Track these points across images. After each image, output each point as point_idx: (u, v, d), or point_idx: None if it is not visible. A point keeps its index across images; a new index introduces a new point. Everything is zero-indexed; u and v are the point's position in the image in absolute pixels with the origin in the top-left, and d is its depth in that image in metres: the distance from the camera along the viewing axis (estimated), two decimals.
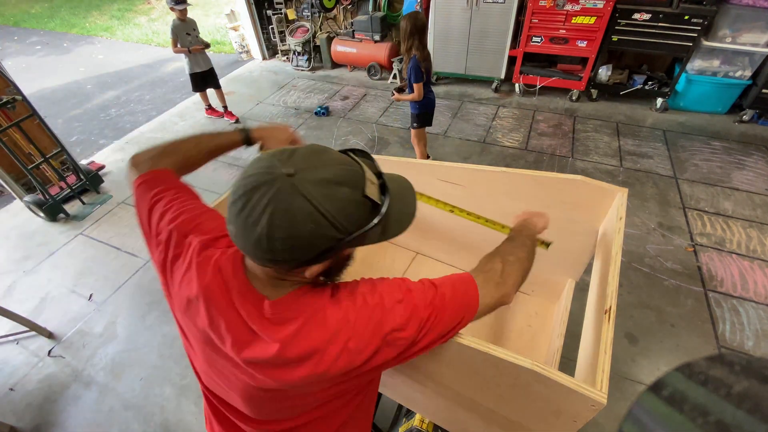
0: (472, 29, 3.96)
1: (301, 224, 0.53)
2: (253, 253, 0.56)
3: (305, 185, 0.53)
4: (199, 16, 8.68)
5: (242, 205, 0.54)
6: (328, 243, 0.56)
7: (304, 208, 0.53)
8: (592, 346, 0.90)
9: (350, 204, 0.57)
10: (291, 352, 0.60)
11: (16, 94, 2.85)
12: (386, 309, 0.64)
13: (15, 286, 2.61)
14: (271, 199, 0.52)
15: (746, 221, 2.58)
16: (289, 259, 0.56)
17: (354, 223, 0.58)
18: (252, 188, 0.53)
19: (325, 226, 0.55)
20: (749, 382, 0.31)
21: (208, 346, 0.67)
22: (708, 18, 3.18)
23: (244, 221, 0.54)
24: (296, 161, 0.55)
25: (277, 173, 0.54)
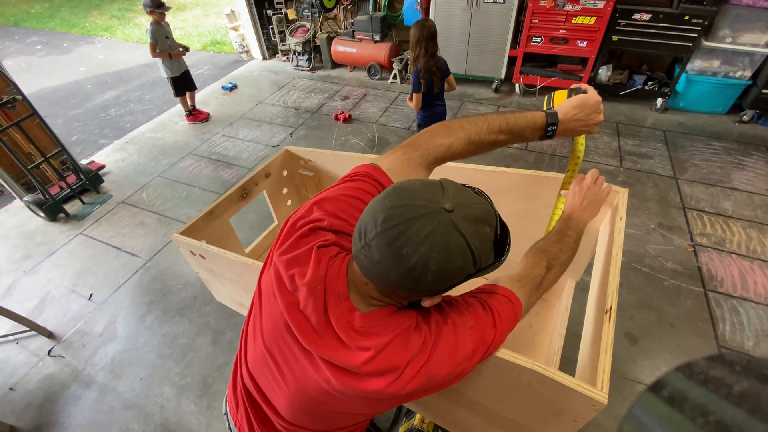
0: (472, 29, 3.96)
1: (454, 259, 0.55)
2: (396, 281, 0.58)
3: (461, 222, 0.55)
4: (198, 16, 8.69)
5: (397, 234, 0.55)
6: (464, 277, 0.59)
7: (460, 244, 0.55)
8: (592, 346, 0.90)
9: (489, 242, 0.59)
10: (374, 365, 0.62)
11: (16, 93, 2.85)
12: (459, 338, 0.66)
13: (15, 286, 2.61)
14: (431, 232, 0.54)
15: (746, 221, 2.58)
16: (428, 290, 0.59)
17: (487, 260, 0.60)
18: (410, 219, 0.55)
19: (470, 263, 0.57)
20: (749, 382, 0.31)
21: (286, 331, 0.70)
22: (708, 18, 3.18)
23: (397, 251, 0.55)
24: (451, 197, 0.57)
25: (438, 207, 0.55)
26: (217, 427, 1.82)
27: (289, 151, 1.90)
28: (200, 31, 7.66)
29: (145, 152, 3.92)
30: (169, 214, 3.10)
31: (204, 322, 2.26)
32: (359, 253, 0.60)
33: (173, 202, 3.22)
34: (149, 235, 2.91)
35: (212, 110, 4.59)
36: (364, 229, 0.58)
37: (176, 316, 2.32)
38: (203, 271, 1.64)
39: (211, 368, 2.05)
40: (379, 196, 0.61)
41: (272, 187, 1.92)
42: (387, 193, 0.60)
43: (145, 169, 3.65)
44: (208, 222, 1.59)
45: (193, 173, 3.54)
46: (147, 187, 3.42)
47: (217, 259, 1.35)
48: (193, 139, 4.06)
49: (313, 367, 0.67)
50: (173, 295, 2.45)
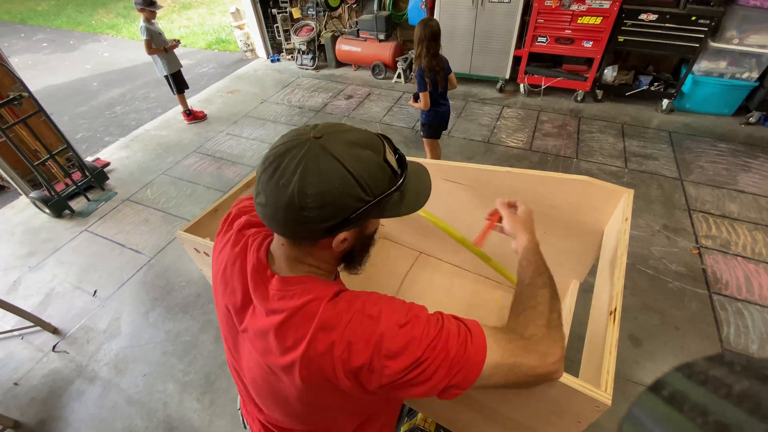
0: (477, 29, 3.95)
1: (331, 180, 0.55)
2: (284, 216, 0.57)
3: (333, 145, 0.56)
4: (204, 15, 8.72)
5: (273, 170, 0.57)
6: (356, 204, 0.57)
7: (333, 165, 0.55)
8: (596, 348, 0.90)
9: (373, 165, 0.58)
10: (284, 331, 0.62)
11: (22, 90, 2.87)
12: (382, 327, 0.59)
13: (20, 282, 2.63)
14: (301, 159, 0.55)
15: (752, 224, 2.57)
16: (318, 219, 0.57)
17: (377, 186, 0.59)
18: (283, 153, 0.57)
19: (353, 184, 0.56)
20: (749, 382, 0.31)
21: (227, 319, 0.73)
22: (715, 19, 3.16)
23: (275, 185, 0.56)
24: (321, 128, 0.59)
25: (306, 137, 0.57)
26: (219, 424, 1.82)
27: None
28: (205, 30, 7.68)
29: (150, 150, 3.94)
30: (173, 211, 3.11)
31: (207, 320, 2.27)
32: (257, 208, 0.60)
33: (177, 199, 3.23)
34: (153, 233, 2.92)
35: (216, 108, 4.60)
36: (256, 179, 0.60)
37: (180, 313, 2.33)
38: (207, 269, 1.64)
39: (213, 365, 2.06)
40: None
41: None
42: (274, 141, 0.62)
43: (150, 167, 3.67)
44: (212, 220, 1.59)
45: (198, 171, 3.55)
46: (151, 184, 3.44)
47: None
48: (197, 137, 4.07)
49: (248, 350, 0.69)
50: (177, 292, 2.46)
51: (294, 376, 0.61)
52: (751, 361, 0.40)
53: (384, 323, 0.60)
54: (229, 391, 1.94)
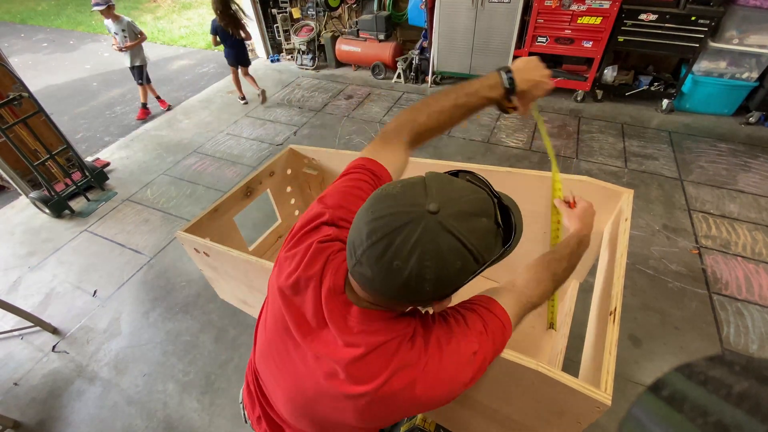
0: (477, 29, 3.95)
1: (450, 263, 0.51)
2: (396, 295, 0.55)
3: (451, 222, 0.51)
4: (204, 15, 8.71)
5: (384, 248, 0.51)
6: (469, 276, 0.55)
7: (453, 246, 0.51)
8: (596, 348, 0.90)
9: (489, 234, 0.55)
10: (361, 366, 0.61)
11: (22, 90, 2.87)
12: (460, 362, 0.63)
13: (20, 282, 2.63)
14: (418, 240, 0.50)
15: (752, 224, 2.57)
16: (432, 297, 0.56)
17: (491, 253, 0.56)
18: (394, 229, 0.51)
19: (471, 262, 0.53)
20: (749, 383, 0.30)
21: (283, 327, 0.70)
22: (715, 19, 3.16)
23: (387, 266, 0.51)
24: (435, 196, 0.52)
25: (421, 211, 0.51)
26: (219, 424, 1.82)
27: (294, 150, 1.90)
28: (205, 30, 7.67)
29: (150, 150, 3.94)
30: (173, 211, 3.11)
31: (207, 320, 2.27)
32: (353, 270, 0.57)
33: (177, 199, 3.23)
34: (153, 233, 2.92)
35: (216, 108, 4.60)
36: (353, 245, 0.55)
37: (180, 313, 2.33)
38: (207, 269, 1.64)
39: (214, 365, 2.06)
40: (364, 207, 0.57)
41: (276, 185, 1.92)
42: (370, 203, 0.56)
43: (150, 167, 3.67)
44: (212, 220, 1.59)
45: (198, 171, 3.55)
46: (151, 184, 3.44)
47: (221, 256, 1.35)
48: (197, 137, 4.07)
49: (304, 365, 0.66)
50: (177, 292, 2.46)
51: (359, 405, 0.62)
52: (751, 361, 0.40)
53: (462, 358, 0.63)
54: (229, 391, 1.94)
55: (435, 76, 4.55)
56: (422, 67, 4.60)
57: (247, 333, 2.18)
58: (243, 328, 2.20)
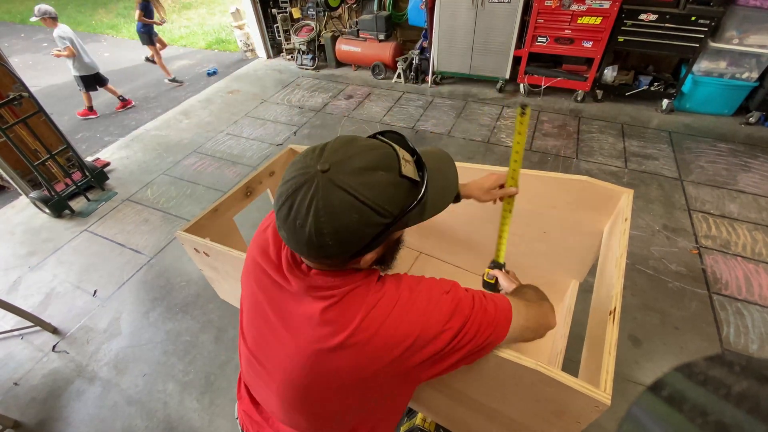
0: (477, 29, 3.95)
1: (345, 216, 0.54)
2: (307, 252, 0.58)
3: (341, 177, 0.54)
4: (203, 15, 8.72)
5: (287, 209, 0.56)
6: (375, 230, 0.57)
7: (344, 200, 0.54)
8: (595, 348, 0.90)
9: (389, 187, 0.57)
10: (335, 312, 0.63)
11: (22, 90, 2.87)
12: (432, 298, 0.64)
13: (20, 282, 2.63)
14: (312, 198, 0.54)
15: (752, 224, 2.57)
16: (340, 253, 0.58)
17: (396, 204, 0.58)
18: (293, 191, 0.55)
19: (369, 214, 0.55)
20: (749, 383, 0.31)
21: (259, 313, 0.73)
22: (715, 19, 3.16)
23: (292, 225, 0.56)
24: (328, 156, 0.56)
25: (313, 171, 0.55)
26: (219, 424, 1.83)
27: (294, 150, 1.90)
28: (205, 30, 7.68)
29: (150, 150, 3.94)
30: (173, 211, 3.12)
31: (207, 320, 2.27)
32: (281, 235, 0.61)
33: (177, 199, 3.23)
34: (153, 233, 2.92)
35: (216, 108, 4.61)
36: (275, 214, 0.59)
37: (180, 313, 2.33)
38: (207, 269, 1.64)
39: (213, 365, 2.06)
40: None
41: (276, 185, 1.92)
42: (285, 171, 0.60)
43: (150, 167, 3.67)
44: (212, 219, 1.59)
45: (197, 171, 3.55)
46: (151, 184, 3.44)
47: (221, 256, 1.35)
48: (197, 137, 4.07)
49: (291, 341, 0.67)
50: (177, 292, 2.46)
51: (346, 357, 0.63)
52: (751, 361, 0.40)
53: (433, 294, 0.65)
54: (229, 392, 1.94)
55: (435, 76, 4.55)
56: (422, 67, 4.60)
57: None
58: None
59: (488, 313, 0.68)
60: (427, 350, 0.63)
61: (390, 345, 0.62)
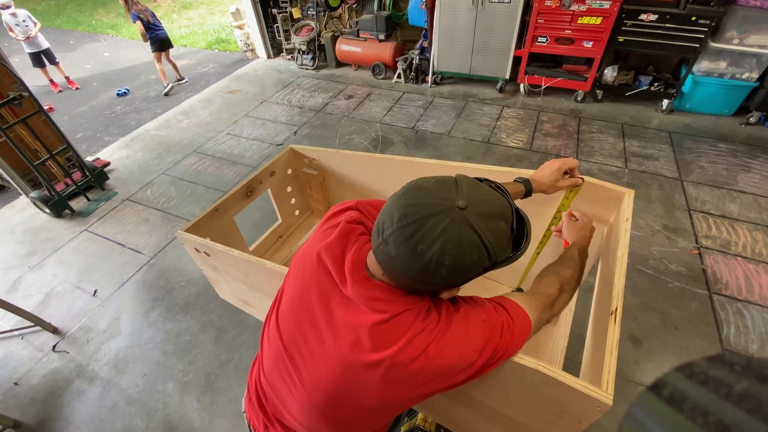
0: (477, 29, 3.95)
1: (468, 254, 0.58)
2: (414, 276, 0.60)
3: (477, 220, 0.57)
4: (204, 15, 8.72)
5: (412, 232, 0.57)
6: (480, 270, 0.61)
7: (473, 240, 0.57)
8: (597, 348, 0.90)
9: (505, 237, 0.61)
10: (385, 329, 0.65)
11: (22, 90, 2.87)
12: (469, 329, 0.67)
13: (20, 282, 2.63)
14: (444, 229, 0.56)
15: (752, 224, 2.57)
16: (444, 284, 0.62)
17: (502, 254, 0.62)
18: (424, 217, 0.57)
19: (485, 258, 0.59)
20: (749, 383, 0.30)
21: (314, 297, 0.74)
22: (715, 19, 3.16)
23: (412, 248, 0.57)
24: (465, 194, 0.59)
25: (450, 205, 0.58)
26: (219, 424, 1.82)
27: (294, 150, 1.90)
28: (205, 30, 7.68)
29: (150, 150, 3.94)
30: (173, 211, 3.11)
31: (207, 320, 2.27)
32: (377, 249, 0.63)
33: (177, 199, 3.23)
34: (153, 232, 2.92)
35: (216, 108, 4.60)
36: (382, 226, 0.61)
37: (180, 313, 2.33)
38: (207, 269, 1.64)
39: (214, 365, 2.06)
40: (396, 194, 0.63)
41: (276, 185, 1.92)
42: (403, 191, 0.62)
43: (150, 167, 3.67)
44: (212, 219, 1.59)
45: (198, 171, 3.55)
46: (151, 184, 3.44)
47: (222, 256, 1.35)
48: (197, 137, 4.07)
49: (331, 339, 0.69)
50: (177, 292, 2.46)
51: (379, 374, 0.65)
52: (751, 361, 0.40)
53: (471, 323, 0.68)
54: (229, 392, 1.94)
55: (435, 76, 4.55)
56: (422, 67, 4.60)
57: (247, 333, 2.18)
58: (243, 328, 2.20)
59: (514, 337, 0.71)
60: (457, 379, 0.67)
61: (423, 375, 0.65)
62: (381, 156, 1.58)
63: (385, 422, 0.81)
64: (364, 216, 0.81)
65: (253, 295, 1.54)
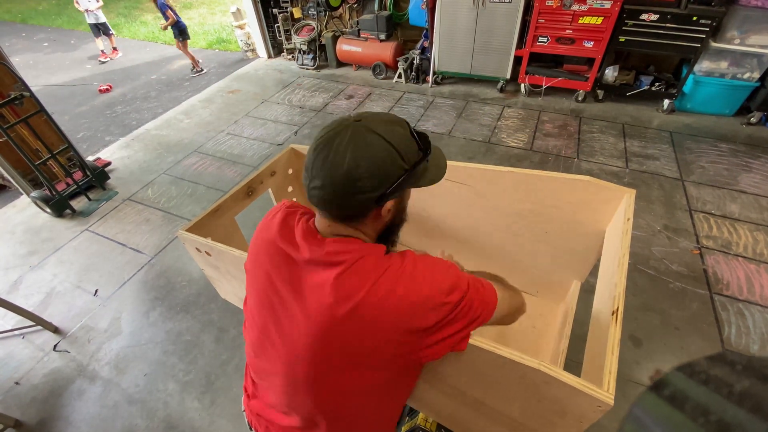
0: (478, 29, 3.95)
1: (378, 151, 0.65)
2: (342, 191, 0.65)
3: (373, 125, 0.66)
4: (204, 15, 8.72)
5: (326, 153, 0.65)
6: (398, 171, 0.67)
7: (377, 140, 0.65)
8: (598, 347, 0.90)
9: (406, 138, 0.69)
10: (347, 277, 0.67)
11: (23, 90, 2.87)
12: (435, 270, 0.70)
13: (21, 281, 2.63)
14: (350, 139, 0.64)
15: (753, 224, 2.56)
16: (371, 188, 0.65)
17: (411, 155, 0.69)
18: (331, 137, 0.65)
19: (395, 155, 0.66)
20: (750, 382, 0.30)
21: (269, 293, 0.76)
22: (716, 19, 3.16)
23: (330, 165, 0.64)
24: (359, 114, 0.69)
25: (348, 122, 0.67)
26: (219, 424, 1.83)
27: (295, 150, 1.90)
28: (206, 30, 7.68)
29: (151, 149, 3.94)
30: (174, 211, 3.12)
31: (208, 319, 2.27)
32: (309, 190, 0.68)
33: (178, 199, 3.23)
34: (154, 232, 2.92)
35: (217, 108, 4.61)
36: (306, 169, 0.68)
37: (180, 313, 2.33)
38: (208, 268, 1.64)
39: (214, 365, 2.06)
40: None
41: (277, 185, 1.92)
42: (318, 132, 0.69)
43: (151, 167, 3.67)
44: (213, 219, 1.59)
45: (198, 171, 3.55)
46: (152, 184, 3.44)
47: (223, 256, 1.35)
48: (198, 136, 4.07)
49: (302, 311, 0.70)
50: (177, 291, 2.46)
51: (351, 322, 0.66)
52: (751, 361, 0.39)
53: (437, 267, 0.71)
54: (230, 391, 1.94)
55: (436, 76, 4.55)
56: (423, 67, 4.60)
57: None
58: None
59: (480, 292, 0.74)
60: (428, 319, 0.67)
61: (395, 312, 0.66)
62: None
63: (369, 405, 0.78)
64: (299, 206, 0.85)
65: None
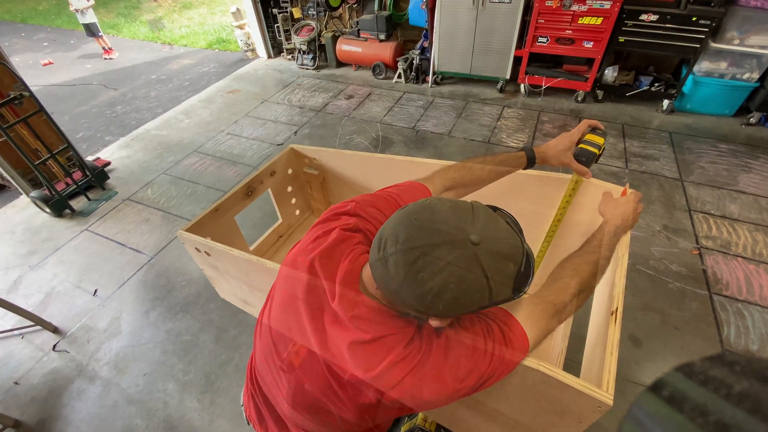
0: (477, 29, 3.95)
1: (470, 292, 0.54)
2: (407, 300, 0.57)
3: (485, 257, 0.53)
4: (204, 15, 8.72)
5: (416, 257, 0.53)
6: (475, 308, 0.58)
7: (479, 280, 0.54)
8: (597, 348, 0.90)
9: (510, 279, 0.57)
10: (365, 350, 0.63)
11: (23, 89, 2.87)
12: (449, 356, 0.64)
13: (21, 281, 2.63)
14: (451, 262, 0.52)
15: (752, 224, 2.57)
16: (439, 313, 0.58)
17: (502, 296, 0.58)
18: (433, 244, 0.53)
19: (486, 298, 0.56)
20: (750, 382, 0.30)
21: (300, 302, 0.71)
22: (716, 19, 3.16)
23: (414, 274, 0.54)
24: (480, 228, 0.55)
25: (463, 237, 0.53)
26: (219, 423, 1.83)
27: (294, 150, 1.90)
28: (206, 30, 7.68)
29: (151, 149, 3.94)
30: (173, 211, 3.11)
31: (207, 319, 2.27)
32: (375, 263, 0.59)
33: (178, 199, 3.23)
34: (154, 232, 2.92)
35: (217, 108, 4.60)
36: (385, 242, 0.57)
37: (180, 313, 2.33)
38: (208, 268, 1.64)
39: (214, 365, 2.06)
40: (406, 209, 0.59)
41: (277, 185, 1.92)
42: (414, 209, 0.58)
43: (150, 167, 3.67)
44: (213, 219, 1.59)
45: (198, 171, 3.55)
46: (152, 184, 3.44)
47: (222, 256, 1.35)
48: (198, 136, 4.07)
49: (320, 348, 0.68)
50: (177, 291, 2.46)
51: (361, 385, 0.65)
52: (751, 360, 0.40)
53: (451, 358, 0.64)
54: (230, 391, 1.94)
55: (436, 76, 4.55)
56: (423, 67, 4.60)
57: (247, 332, 2.18)
58: (243, 327, 2.20)
59: (504, 363, 0.67)
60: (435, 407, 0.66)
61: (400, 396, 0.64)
62: (381, 156, 1.59)
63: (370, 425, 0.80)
64: (363, 221, 0.77)
65: (254, 295, 1.54)
